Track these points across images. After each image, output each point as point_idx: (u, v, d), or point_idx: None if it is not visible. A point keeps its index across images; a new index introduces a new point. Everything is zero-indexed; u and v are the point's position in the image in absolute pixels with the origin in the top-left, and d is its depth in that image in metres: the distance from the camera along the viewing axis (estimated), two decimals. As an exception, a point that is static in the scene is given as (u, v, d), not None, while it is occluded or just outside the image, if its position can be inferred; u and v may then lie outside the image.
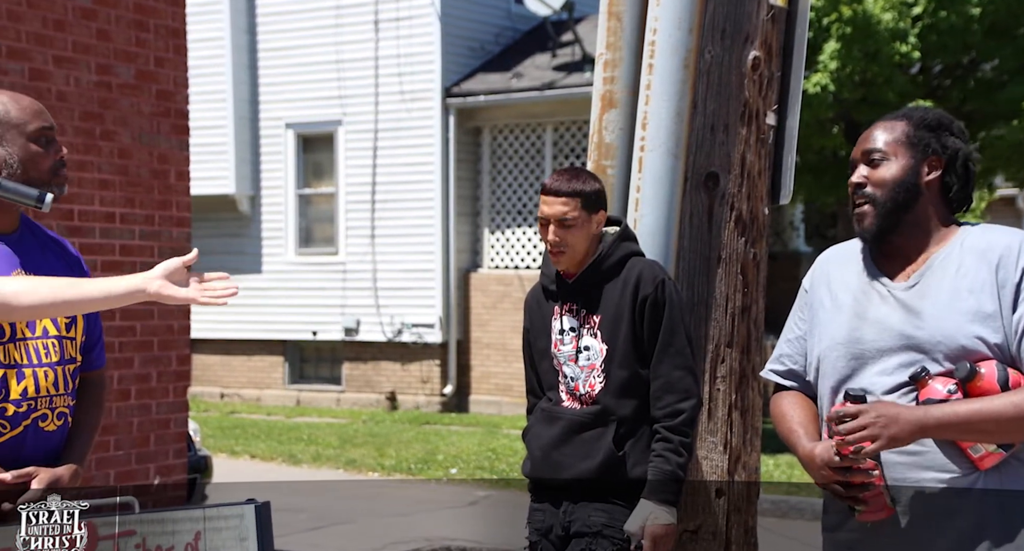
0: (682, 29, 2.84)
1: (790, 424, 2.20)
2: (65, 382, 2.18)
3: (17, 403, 2.10)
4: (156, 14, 4.98)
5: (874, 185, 2.12)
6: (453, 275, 12.04)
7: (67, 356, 2.19)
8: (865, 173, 2.13)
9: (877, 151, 2.13)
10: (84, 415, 2.25)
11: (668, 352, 2.61)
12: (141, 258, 4.92)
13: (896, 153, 2.12)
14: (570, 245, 2.66)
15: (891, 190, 2.10)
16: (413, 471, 8.32)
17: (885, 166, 2.12)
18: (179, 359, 5.08)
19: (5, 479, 2.04)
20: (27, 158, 2.16)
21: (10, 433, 2.09)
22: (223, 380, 13.08)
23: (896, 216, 2.11)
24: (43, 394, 2.13)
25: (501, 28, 12.73)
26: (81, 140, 4.65)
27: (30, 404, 2.12)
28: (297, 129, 12.69)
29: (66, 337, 2.20)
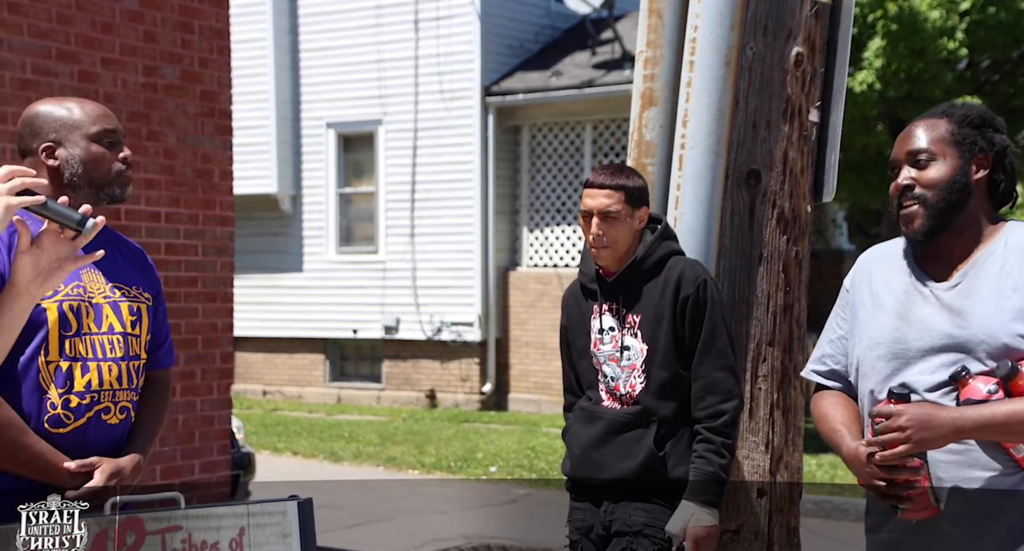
0: (724, 25, 2.82)
1: (832, 424, 2.18)
2: (129, 377, 2.23)
3: (81, 395, 2.14)
4: (200, 16, 5.04)
5: (924, 186, 2.08)
6: (492, 273, 12.06)
7: (132, 353, 2.24)
8: (913, 175, 2.09)
9: (924, 151, 2.09)
10: (148, 411, 2.30)
11: (710, 353, 2.60)
12: (186, 257, 4.99)
13: (944, 153, 2.09)
14: (612, 239, 2.64)
15: (943, 191, 2.07)
16: (453, 469, 8.35)
17: (934, 167, 2.08)
18: (223, 357, 5.14)
19: (70, 468, 2.09)
20: (89, 159, 2.21)
21: (73, 424, 2.14)
22: (265, 378, 13.21)
23: (947, 217, 2.08)
24: (106, 388, 2.18)
25: (540, 26, 12.73)
26: (128, 141, 4.69)
27: (93, 396, 2.16)
28: (338, 128, 12.78)
29: (131, 334, 2.24)
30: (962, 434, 1.96)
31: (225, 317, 5.16)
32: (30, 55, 4.38)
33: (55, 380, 2.12)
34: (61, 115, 2.23)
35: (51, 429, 2.12)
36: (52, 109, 2.23)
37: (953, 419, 1.95)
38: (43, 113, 2.24)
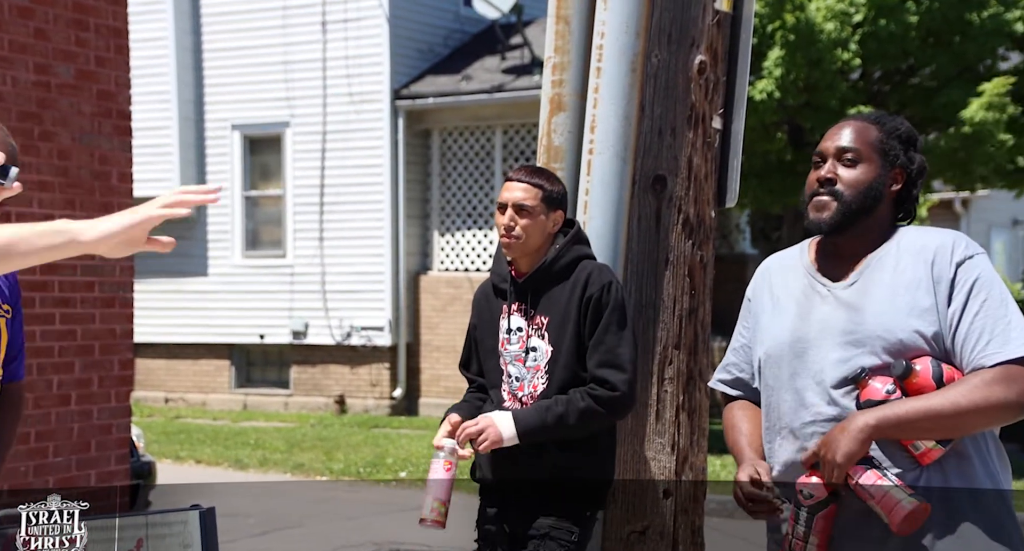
0: (629, 33, 2.85)
1: (736, 436, 2.27)
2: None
3: None
4: (96, 13, 4.89)
5: (845, 184, 2.14)
6: (403, 277, 11.99)
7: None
8: (837, 171, 2.15)
9: (853, 150, 2.15)
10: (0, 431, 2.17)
11: (598, 349, 2.62)
12: (82, 261, 4.83)
13: (870, 158, 2.15)
14: (524, 232, 2.66)
15: (861, 193, 2.14)
16: (362, 475, 8.26)
17: (859, 168, 2.14)
18: (121, 363, 4.99)
19: None
20: None
21: None
22: (167, 384, 12.87)
23: (855, 217, 2.14)
24: None
25: (450, 30, 12.71)
26: (19, 140, 4.54)
27: None
28: (244, 130, 12.55)
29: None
30: (870, 436, 2.02)
31: (125, 323, 5.02)
32: (-88, 50, 4.19)
33: None
34: None
35: None
36: None
37: (857, 427, 2.01)
38: None
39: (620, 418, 2.72)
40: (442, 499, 2.55)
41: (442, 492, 2.55)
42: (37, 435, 4.57)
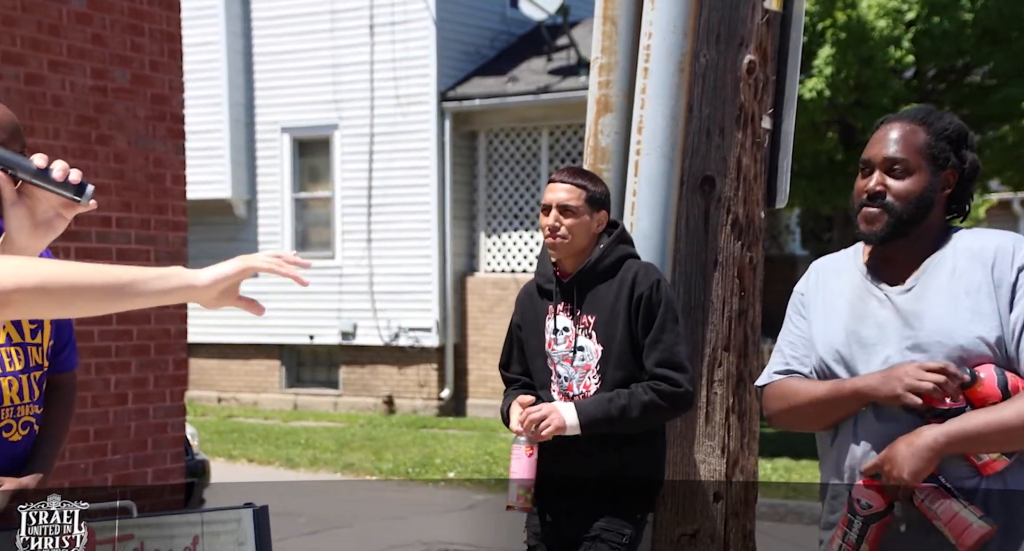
0: (677, 33, 2.84)
1: (812, 386, 2.11)
2: (31, 390, 2.15)
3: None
4: (151, 18, 4.98)
5: (895, 196, 2.08)
6: (450, 279, 12.04)
7: (32, 363, 2.15)
8: (886, 183, 2.09)
9: (901, 162, 2.08)
10: (51, 422, 2.21)
11: (656, 348, 2.62)
12: (138, 262, 4.92)
13: (919, 166, 2.08)
14: (569, 233, 2.67)
15: (912, 204, 2.08)
16: (411, 475, 8.32)
17: (910, 180, 2.08)
18: (176, 363, 5.07)
19: None
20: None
21: None
22: (220, 384, 13.06)
23: (908, 226, 2.09)
24: (7, 404, 2.10)
25: (496, 32, 12.74)
26: (77, 144, 4.65)
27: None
28: (293, 133, 12.68)
29: (31, 344, 2.16)
30: (939, 454, 1.96)
31: (179, 323, 5.10)
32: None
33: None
34: None
35: None
36: None
37: (927, 445, 1.95)
38: None
39: (680, 414, 2.71)
40: (527, 485, 2.58)
41: (526, 477, 2.58)
42: (96, 433, 4.67)
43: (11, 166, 1.59)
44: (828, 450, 2.15)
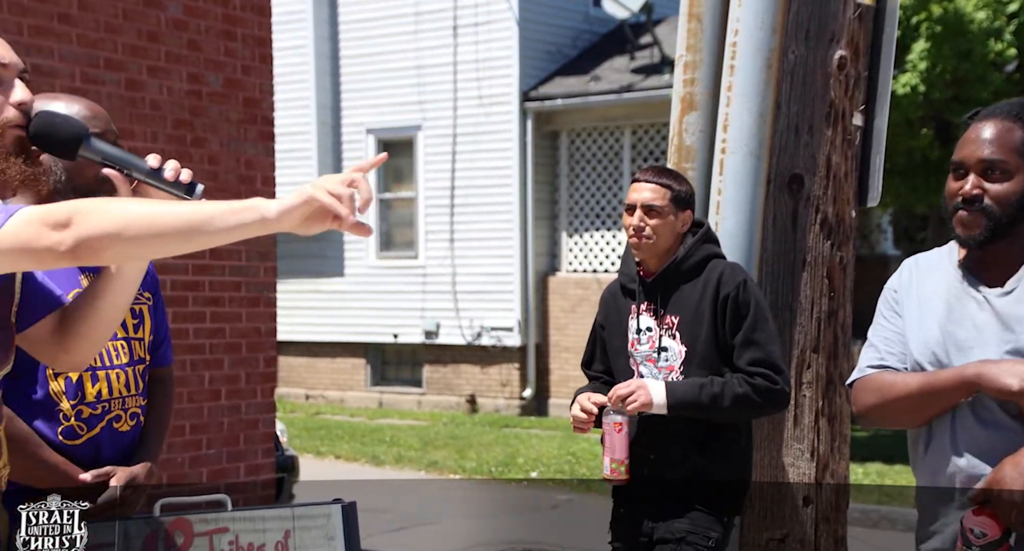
0: (765, 29, 2.81)
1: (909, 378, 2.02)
2: (136, 382, 2.22)
3: (92, 405, 2.13)
4: (243, 24, 5.10)
5: (993, 199, 2.00)
6: (531, 278, 12.07)
7: (136, 357, 2.22)
8: (983, 186, 2.00)
9: (998, 164, 1.99)
10: (155, 414, 2.28)
11: (749, 347, 2.59)
12: (230, 262, 5.06)
13: (1018, 167, 1.99)
14: (653, 233, 2.65)
15: (1011, 207, 2.00)
16: (494, 474, 8.36)
17: (1009, 183, 1.99)
18: (266, 361, 5.19)
19: (86, 479, 2.09)
20: (71, 165, 2.02)
21: (88, 434, 2.13)
22: (308, 382, 13.32)
23: (1007, 229, 2.01)
24: (116, 396, 2.16)
25: (579, 31, 12.72)
26: (173, 147, 4.80)
27: (104, 406, 2.15)
28: (378, 134, 12.87)
29: (134, 338, 2.22)
30: None
31: (268, 321, 5.22)
32: (79, 64, 4.47)
33: (66, 392, 2.11)
34: None
35: (65, 441, 2.11)
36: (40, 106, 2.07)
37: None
38: None
39: (772, 413, 2.68)
40: (620, 458, 2.60)
41: (618, 451, 2.60)
42: (191, 428, 4.81)
43: (127, 166, 1.65)
44: (921, 455, 2.09)
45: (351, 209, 1.46)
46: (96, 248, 1.44)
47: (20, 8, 4.25)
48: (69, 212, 1.44)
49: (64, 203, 1.47)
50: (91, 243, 1.43)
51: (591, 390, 2.73)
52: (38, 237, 1.43)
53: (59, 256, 1.44)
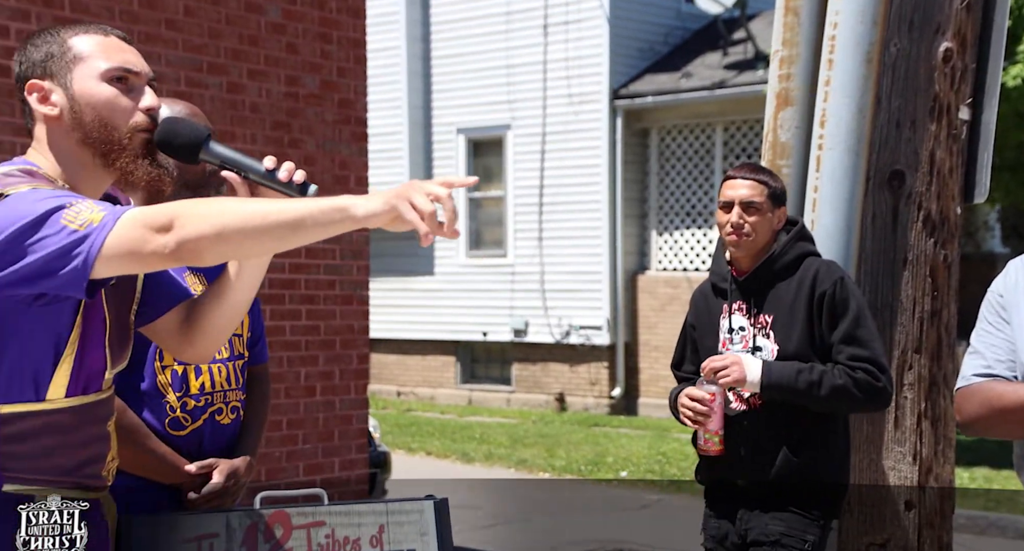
0: (865, 22, 2.73)
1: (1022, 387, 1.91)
2: (236, 377, 2.28)
3: (196, 398, 2.19)
4: (339, 26, 5.19)
5: None
6: (620, 277, 12.00)
7: (236, 352, 2.27)
8: None
9: None
10: (253, 409, 2.34)
11: (851, 344, 2.53)
12: (325, 260, 5.16)
13: None
14: (753, 230, 2.62)
15: None
16: (583, 473, 8.35)
17: None
18: (359, 358, 5.27)
19: (191, 470, 2.15)
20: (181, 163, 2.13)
21: (192, 426, 2.20)
22: (399, 379, 13.50)
23: None
24: (218, 389, 2.22)
25: (670, 28, 12.60)
26: (271, 149, 4.91)
27: (207, 398, 2.21)
28: (468, 134, 12.96)
29: (234, 334, 2.27)
30: None
31: (361, 319, 5.30)
32: (185, 68, 4.61)
33: (172, 384, 2.17)
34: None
35: (171, 432, 2.17)
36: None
37: None
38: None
39: (871, 410, 2.61)
40: (714, 429, 2.59)
41: (712, 423, 2.59)
42: (288, 423, 4.92)
43: (244, 169, 1.70)
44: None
45: (432, 226, 1.48)
46: (196, 250, 1.49)
47: (131, 15, 4.41)
48: (170, 216, 1.50)
49: (165, 206, 1.52)
50: (191, 245, 1.49)
51: (686, 386, 2.70)
52: (144, 241, 1.49)
53: (163, 259, 1.50)
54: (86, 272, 1.50)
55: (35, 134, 1.70)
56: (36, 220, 1.51)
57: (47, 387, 1.62)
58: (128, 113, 1.67)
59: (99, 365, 1.69)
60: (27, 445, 1.62)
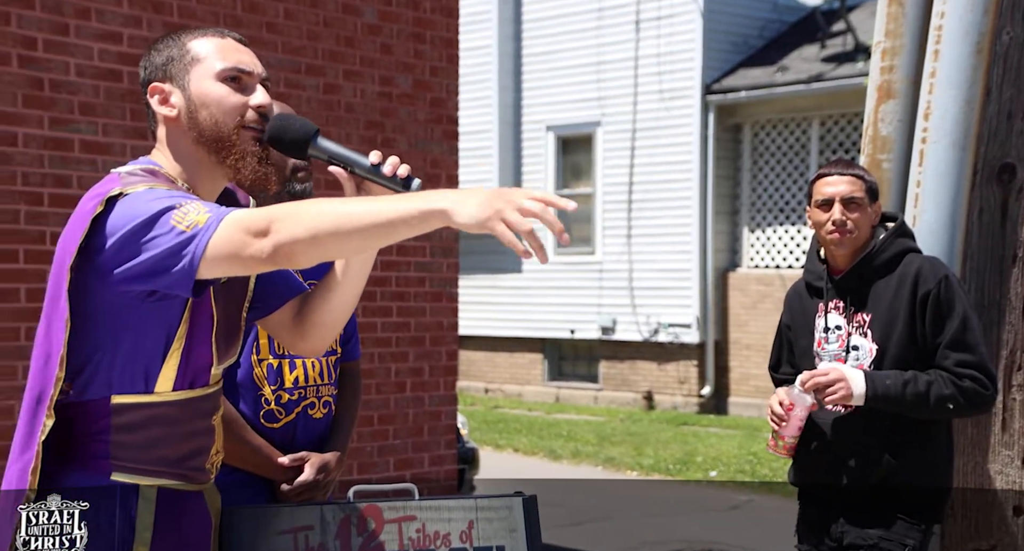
0: (975, 11, 2.63)
1: None
2: (329, 372, 2.32)
3: (290, 391, 2.24)
4: (432, 26, 5.24)
5: None
6: (711, 275, 11.84)
7: (329, 348, 2.30)
8: None
9: None
10: (345, 405, 2.38)
11: (957, 348, 2.44)
12: (415, 258, 5.21)
13: None
14: (855, 226, 2.56)
15: None
16: (671, 472, 8.26)
17: None
18: (448, 354, 5.31)
19: (284, 462, 2.20)
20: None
21: (285, 419, 2.25)
22: (487, 375, 13.58)
23: None
24: (311, 383, 2.27)
25: (766, 21, 12.37)
26: (365, 148, 4.95)
27: (300, 392, 2.26)
28: (557, 131, 12.95)
29: None
30: None
31: (450, 316, 5.34)
32: (283, 70, 4.70)
33: (268, 378, 2.22)
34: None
35: (266, 424, 2.22)
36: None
37: None
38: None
39: (973, 415, 2.52)
40: (787, 435, 2.56)
41: (788, 430, 2.55)
42: (379, 418, 4.99)
43: (350, 164, 1.72)
44: None
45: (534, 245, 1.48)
46: (291, 254, 1.54)
47: (234, 20, 4.52)
48: (268, 220, 1.54)
49: (264, 210, 1.56)
50: (286, 249, 1.53)
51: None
52: (244, 245, 1.55)
53: (261, 262, 1.56)
54: (192, 272, 1.56)
55: (157, 135, 1.76)
56: (149, 219, 1.57)
57: (156, 380, 1.67)
58: (238, 110, 1.71)
59: (206, 360, 1.73)
60: (135, 435, 1.67)
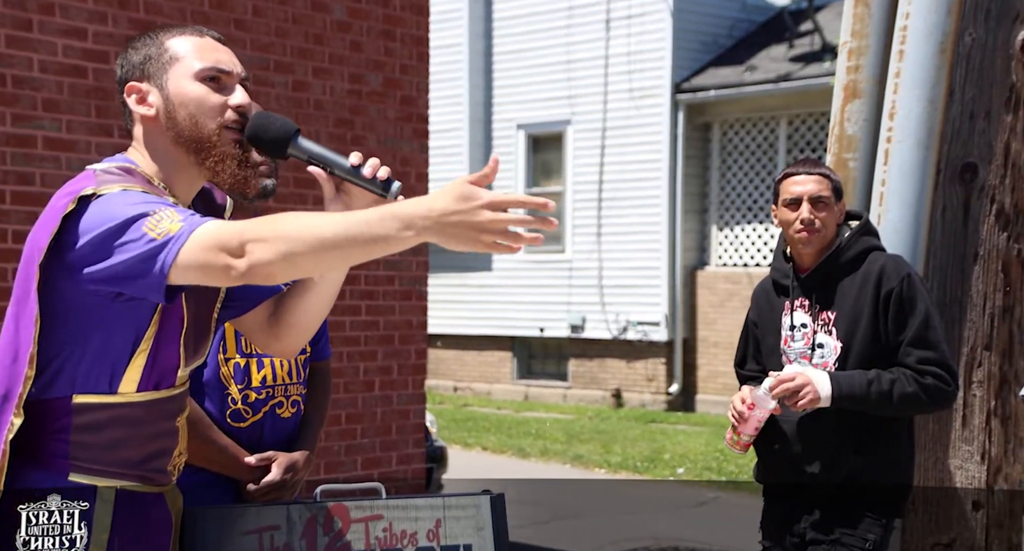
0: (939, 12, 2.66)
1: None
2: (297, 371, 2.30)
3: (258, 390, 2.23)
4: (403, 23, 5.21)
5: None
6: (679, 273, 11.90)
7: None
8: None
9: None
10: (315, 404, 2.37)
11: (918, 346, 2.47)
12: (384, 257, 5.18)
13: None
14: (822, 225, 2.59)
15: None
16: (639, 469, 8.29)
17: None
18: (417, 353, 5.30)
19: (251, 462, 2.19)
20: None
21: (252, 418, 2.23)
22: (456, 374, 13.56)
23: None
24: (279, 382, 2.25)
25: (735, 20, 12.45)
26: (334, 146, 4.93)
27: (268, 391, 2.24)
28: (528, 130, 12.95)
29: None
30: None
31: (420, 314, 5.32)
32: (252, 67, 4.66)
33: (234, 377, 2.20)
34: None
35: (232, 424, 2.21)
36: None
37: None
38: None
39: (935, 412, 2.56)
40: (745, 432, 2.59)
41: (749, 427, 2.58)
42: (347, 417, 4.97)
43: (329, 164, 1.70)
44: None
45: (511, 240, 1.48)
46: (268, 275, 1.53)
47: (202, 16, 4.47)
48: (241, 240, 1.52)
49: (237, 227, 1.54)
50: (262, 271, 1.52)
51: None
52: (216, 261, 1.53)
53: (233, 279, 1.55)
54: (163, 279, 1.54)
55: (134, 134, 1.73)
56: (122, 224, 1.55)
57: (120, 380, 1.65)
58: (217, 111, 1.69)
59: (173, 362, 1.72)
60: (97, 436, 1.65)
